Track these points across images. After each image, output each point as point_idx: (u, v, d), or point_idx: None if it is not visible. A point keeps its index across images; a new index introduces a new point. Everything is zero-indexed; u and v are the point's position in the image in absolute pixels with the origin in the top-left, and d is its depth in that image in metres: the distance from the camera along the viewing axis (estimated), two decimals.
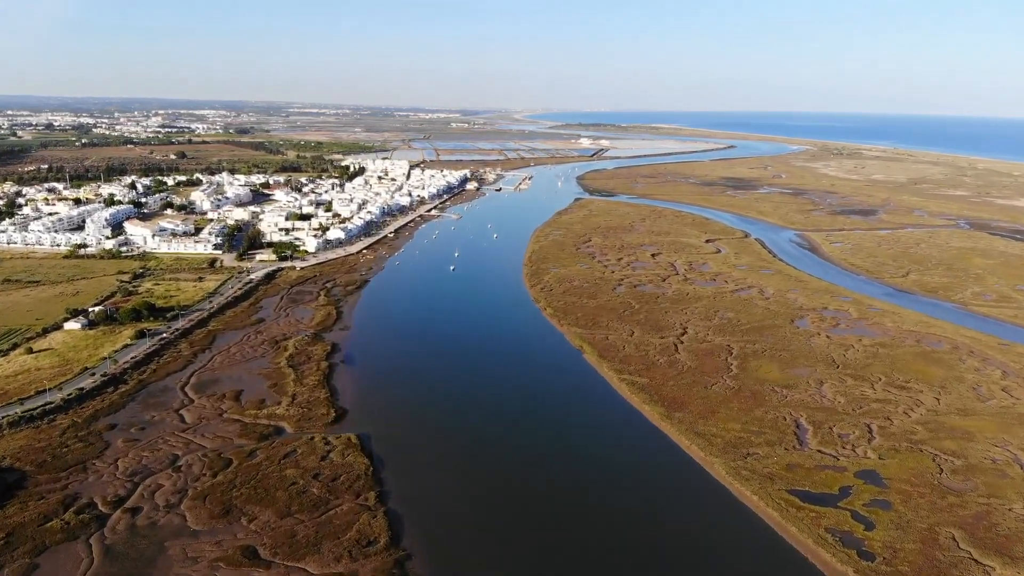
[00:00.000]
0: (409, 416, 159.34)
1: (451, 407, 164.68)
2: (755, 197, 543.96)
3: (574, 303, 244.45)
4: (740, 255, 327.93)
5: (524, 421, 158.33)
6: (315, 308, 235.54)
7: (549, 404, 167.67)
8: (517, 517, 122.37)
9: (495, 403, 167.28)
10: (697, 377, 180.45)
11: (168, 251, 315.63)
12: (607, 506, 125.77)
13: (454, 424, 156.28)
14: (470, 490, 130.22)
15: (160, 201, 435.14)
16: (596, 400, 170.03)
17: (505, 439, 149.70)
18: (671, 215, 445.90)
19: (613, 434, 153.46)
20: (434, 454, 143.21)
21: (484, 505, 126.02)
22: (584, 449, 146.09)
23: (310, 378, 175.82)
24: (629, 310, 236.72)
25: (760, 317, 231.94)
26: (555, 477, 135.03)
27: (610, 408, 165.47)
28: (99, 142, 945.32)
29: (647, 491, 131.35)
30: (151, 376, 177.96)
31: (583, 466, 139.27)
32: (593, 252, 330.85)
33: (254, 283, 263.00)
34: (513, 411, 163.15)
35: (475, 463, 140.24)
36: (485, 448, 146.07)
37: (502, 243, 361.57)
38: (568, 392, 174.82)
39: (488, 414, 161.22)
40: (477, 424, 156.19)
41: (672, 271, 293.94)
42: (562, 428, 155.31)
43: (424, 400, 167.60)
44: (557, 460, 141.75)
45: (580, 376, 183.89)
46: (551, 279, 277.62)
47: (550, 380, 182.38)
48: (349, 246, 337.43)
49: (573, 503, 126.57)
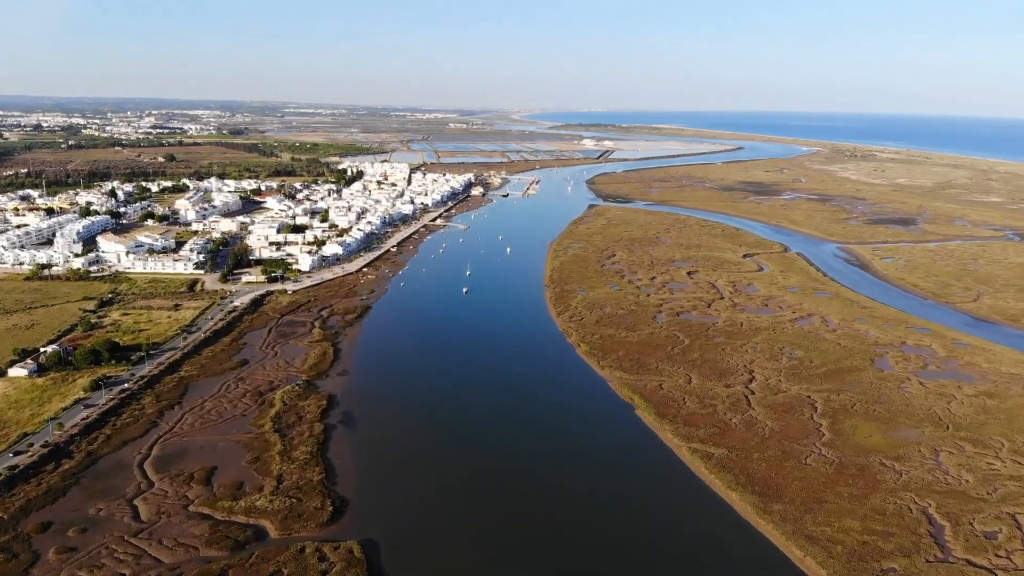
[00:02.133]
0: (429, 509, 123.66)
1: (481, 492, 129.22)
2: (781, 204, 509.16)
3: (612, 337, 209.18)
4: (787, 274, 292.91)
5: (583, 513, 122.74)
6: (308, 345, 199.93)
7: (608, 488, 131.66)
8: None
9: (537, 489, 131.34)
10: (785, 445, 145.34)
11: (144, 270, 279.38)
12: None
13: (488, 517, 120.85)
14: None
15: (141, 210, 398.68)
16: (665, 481, 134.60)
17: (559, 545, 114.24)
18: (697, 225, 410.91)
19: (692, 531, 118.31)
20: (465, 568, 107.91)
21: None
22: (664, 557, 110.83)
23: (301, 449, 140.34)
24: (678, 346, 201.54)
25: (834, 356, 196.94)
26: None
27: (684, 493, 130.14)
28: (86, 144, 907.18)
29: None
30: (104, 446, 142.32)
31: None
32: (621, 270, 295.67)
33: (238, 312, 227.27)
34: (568, 501, 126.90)
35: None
36: (532, 559, 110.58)
37: (517, 258, 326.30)
38: (628, 470, 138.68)
39: (530, 505, 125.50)
40: (518, 518, 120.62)
41: (716, 294, 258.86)
42: (630, 524, 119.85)
43: (447, 483, 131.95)
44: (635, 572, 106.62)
45: (637, 443, 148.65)
46: (579, 305, 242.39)
47: (602, 450, 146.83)
48: (347, 263, 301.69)
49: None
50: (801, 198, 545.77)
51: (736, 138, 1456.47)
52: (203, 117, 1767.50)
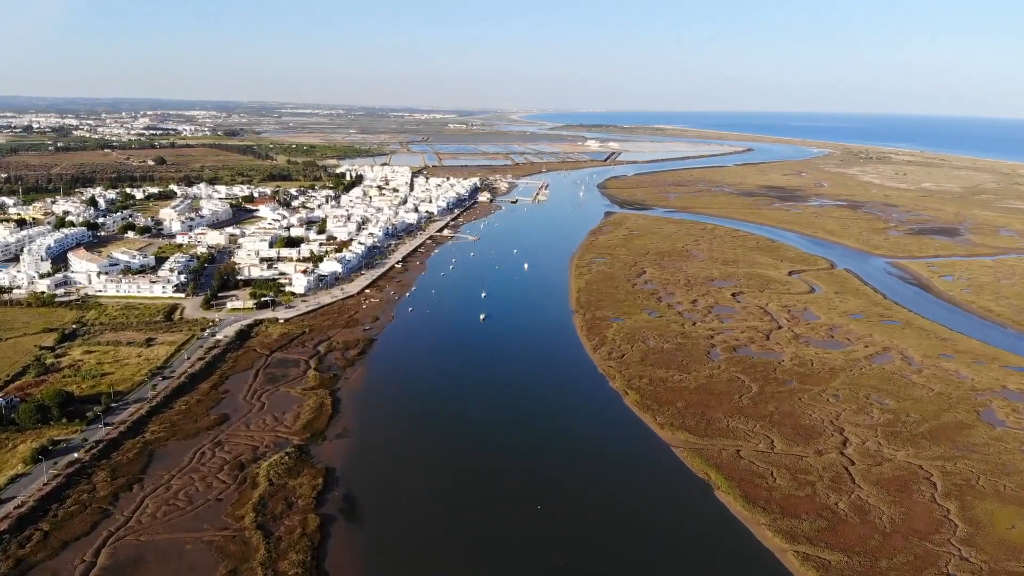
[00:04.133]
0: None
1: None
2: (811, 212, 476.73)
3: (663, 382, 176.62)
4: (843, 296, 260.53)
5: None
6: (302, 394, 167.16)
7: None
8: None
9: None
10: (914, 544, 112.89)
11: (117, 294, 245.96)
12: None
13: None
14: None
15: (122, 220, 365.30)
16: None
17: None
18: (727, 235, 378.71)
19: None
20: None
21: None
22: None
23: (290, 557, 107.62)
24: (746, 395, 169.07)
25: (932, 408, 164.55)
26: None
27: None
28: (75, 146, 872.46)
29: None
30: (36, 550, 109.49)
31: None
32: (655, 290, 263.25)
33: (220, 348, 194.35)
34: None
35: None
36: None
37: (536, 276, 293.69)
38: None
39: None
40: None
41: (771, 322, 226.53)
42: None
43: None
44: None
45: (724, 541, 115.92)
46: (616, 336, 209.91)
47: (684, 554, 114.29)
48: (347, 284, 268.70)
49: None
50: (829, 204, 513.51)
51: (742, 139, 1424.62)
52: (198, 118, 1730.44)
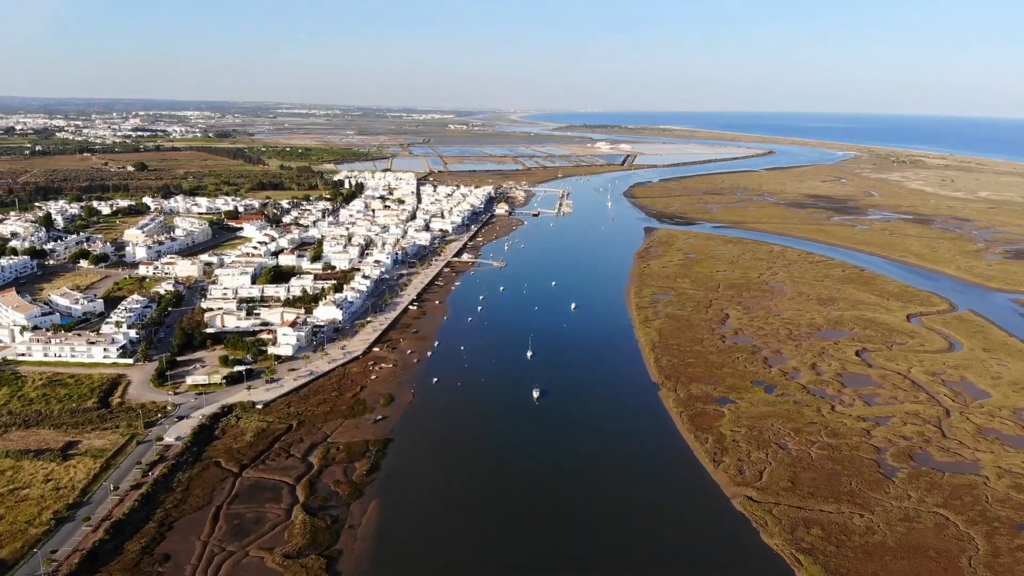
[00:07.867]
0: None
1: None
2: (880, 228, 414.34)
3: (844, 532, 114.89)
4: (995, 355, 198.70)
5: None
6: (281, 564, 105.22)
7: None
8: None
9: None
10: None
11: (44, 359, 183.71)
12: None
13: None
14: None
15: (75, 246, 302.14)
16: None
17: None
18: (801, 260, 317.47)
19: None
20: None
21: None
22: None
23: None
24: (966, 552, 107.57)
25: None
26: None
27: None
28: (53, 150, 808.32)
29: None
30: None
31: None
32: (755, 346, 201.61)
33: (168, 462, 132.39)
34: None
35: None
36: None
37: (589, 321, 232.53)
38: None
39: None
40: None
41: (929, 401, 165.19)
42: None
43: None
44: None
45: None
46: (736, 435, 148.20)
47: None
48: (350, 338, 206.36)
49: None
50: (895, 219, 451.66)
51: (759, 140, 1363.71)
52: (191, 119, 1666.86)
